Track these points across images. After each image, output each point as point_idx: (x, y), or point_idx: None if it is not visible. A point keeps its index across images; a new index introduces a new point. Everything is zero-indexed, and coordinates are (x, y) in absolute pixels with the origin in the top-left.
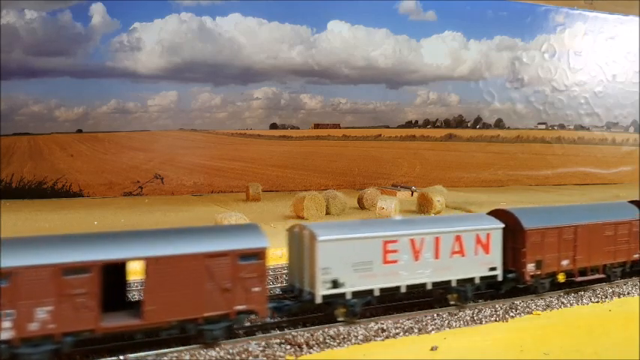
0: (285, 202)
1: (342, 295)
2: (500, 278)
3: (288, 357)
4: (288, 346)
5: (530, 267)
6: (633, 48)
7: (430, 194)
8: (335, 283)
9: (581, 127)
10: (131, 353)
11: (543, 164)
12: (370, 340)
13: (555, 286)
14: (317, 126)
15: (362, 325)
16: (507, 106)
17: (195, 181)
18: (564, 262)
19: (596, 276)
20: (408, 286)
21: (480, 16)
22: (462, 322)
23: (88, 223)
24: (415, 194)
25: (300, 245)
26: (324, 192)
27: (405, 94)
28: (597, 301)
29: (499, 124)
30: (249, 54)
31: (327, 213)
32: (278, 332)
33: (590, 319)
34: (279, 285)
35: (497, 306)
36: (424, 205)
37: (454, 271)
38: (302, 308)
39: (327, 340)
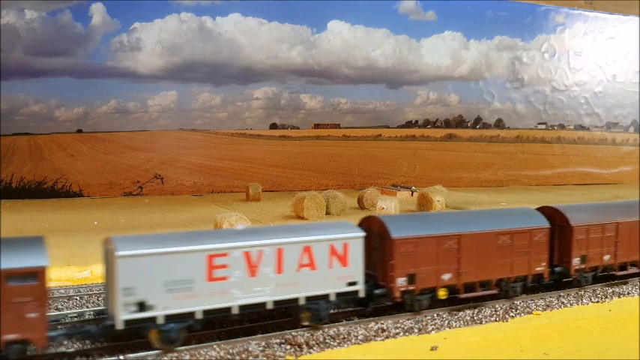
0: (285, 202)
1: (154, 319)
2: (362, 294)
3: (288, 357)
4: (288, 346)
5: (401, 281)
6: (633, 48)
7: (430, 194)
8: (142, 306)
9: (581, 127)
10: (131, 353)
11: (543, 164)
12: (370, 340)
13: (438, 303)
14: (317, 126)
15: (362, 325)
16: (507, 106)
17: (195, 181)
18: (446, 277)
19: (487, 292)
20: (243, 307)
21: (480, 16)
22: (462, 322)
23: (88, 223)
24: (415, 194)
25: (108, 262)
26: (324, 192)
27: (405, 94)
28: (597, 301)
29: (499, 124)
30: (249, 54)
31: (327, 213)
32: (278, 332)
33: (590, 319)
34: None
35: (497, 306)
36: (424, 205)
37: (302, 287)
38: (107, 334)
39: (327, 340)
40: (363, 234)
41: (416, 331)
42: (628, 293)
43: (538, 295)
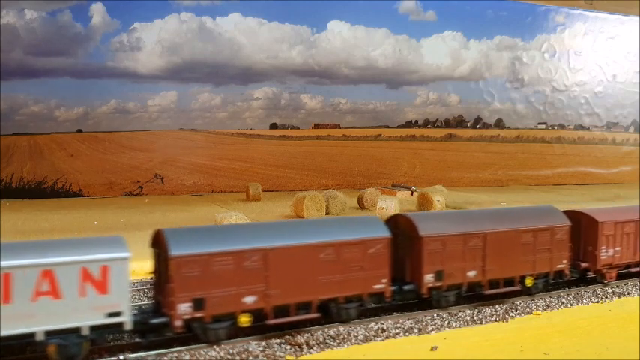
0: (285, 202)
1: None
2: (128, 326)
3: (288, 357)
4: (288, 346)
5: (184, 308)
6: (633, 48)
7: (430, 194)
8: None
9: (581, 127)
10: (131, 353)
11: (543, 164)
12: (370, 340)
13: (241, 332)
14: (317, 126)
15: (362, 325)
16: (507, 106)
17: (195, 181)
18: (249, 299)
19: (306, 316)
20: None
21: (480, 16)
22: (462, 322)
23: (88, 223)
24: (415, 194)
25: None
26: (324, 192)
27: (405, 94)
28: (597, 301)
29: (499, 124)
30: (249, 54)
31: (327, 213)
32: (278, 332)
33: (590, 319)
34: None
35: (497, 306)
36: (424, 205)
37: (41, 319)
38: None
39: (327, 340)
40: (127, 255)
41: (416, 331)
42: (628, 293)
43: (538, 295)
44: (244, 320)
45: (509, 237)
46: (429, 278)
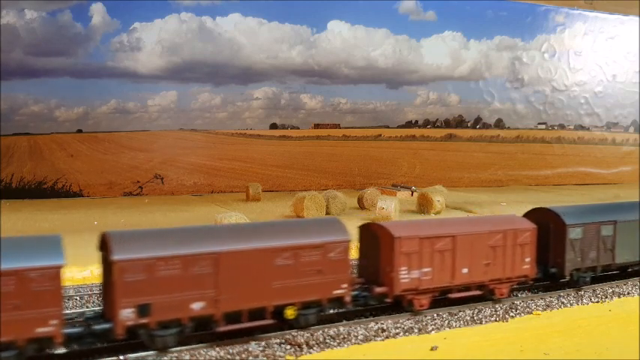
0: (285, 202)
1: None
2: None
3: (288, 357)
4: (288, 346)
5: None
6: (633, 48)
7: (430, 194)
8: None
9: (581, 127)
10: (131, 353)
11: (543, 164)
12: (370, 340)
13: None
14: (317, 126)
15: (362, 325)
16: (507, 106)
17: (195, 181)
18: None
19: None
20: None
21: (480, 16)
22: (462, 322)
23: (88, 223)
24: (415, 194)
25: None
26: (324, 192)
27: (405, 94)
28: (597, 301)
29: (499, 124)
30: (249, 54)
31: (327, 213)
32: (278, 332)
33: (590, 319)
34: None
35: (497, 306)
36: (424, 206)
37: None
38: None
39: (327, 340)
40: None
41: (416, 331)
42: (628, 293)
43: (538, 295)
44: None
45: (255, 258)
46: (127, 314)
